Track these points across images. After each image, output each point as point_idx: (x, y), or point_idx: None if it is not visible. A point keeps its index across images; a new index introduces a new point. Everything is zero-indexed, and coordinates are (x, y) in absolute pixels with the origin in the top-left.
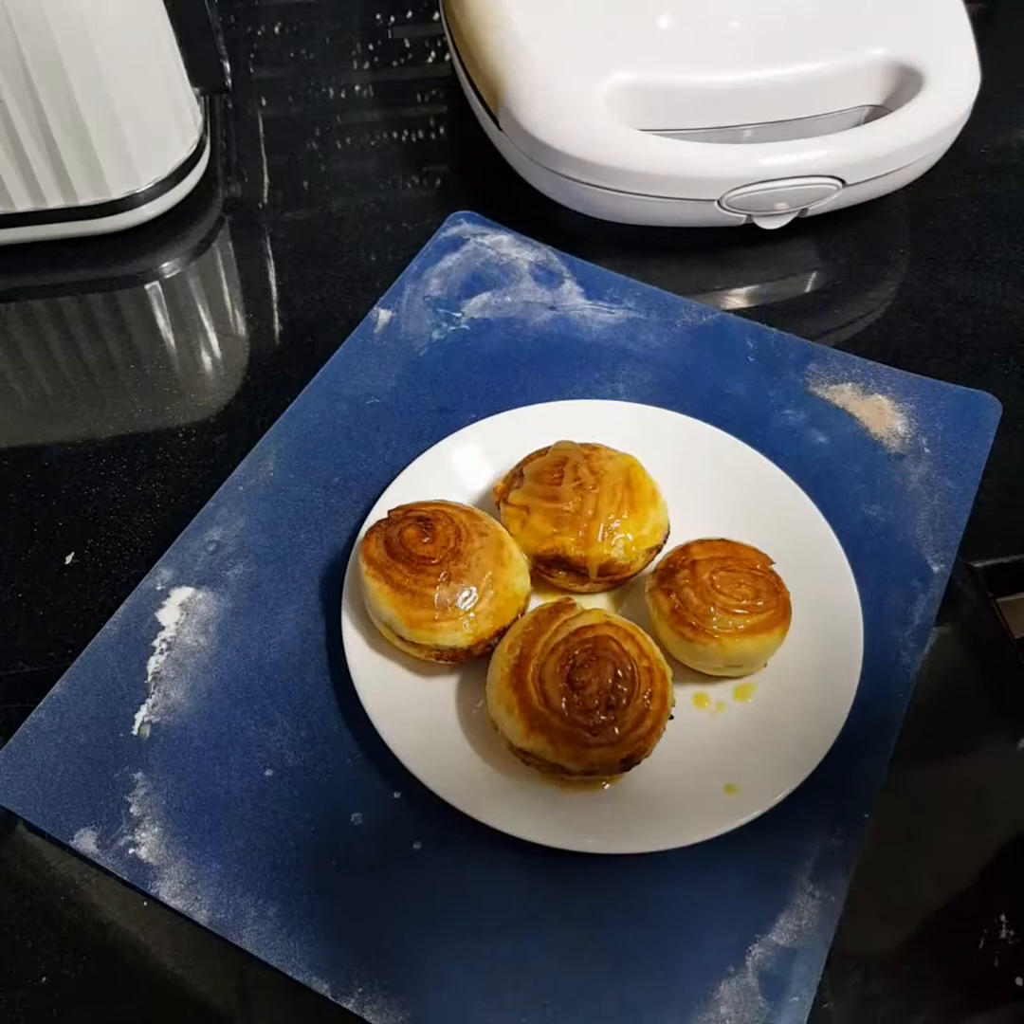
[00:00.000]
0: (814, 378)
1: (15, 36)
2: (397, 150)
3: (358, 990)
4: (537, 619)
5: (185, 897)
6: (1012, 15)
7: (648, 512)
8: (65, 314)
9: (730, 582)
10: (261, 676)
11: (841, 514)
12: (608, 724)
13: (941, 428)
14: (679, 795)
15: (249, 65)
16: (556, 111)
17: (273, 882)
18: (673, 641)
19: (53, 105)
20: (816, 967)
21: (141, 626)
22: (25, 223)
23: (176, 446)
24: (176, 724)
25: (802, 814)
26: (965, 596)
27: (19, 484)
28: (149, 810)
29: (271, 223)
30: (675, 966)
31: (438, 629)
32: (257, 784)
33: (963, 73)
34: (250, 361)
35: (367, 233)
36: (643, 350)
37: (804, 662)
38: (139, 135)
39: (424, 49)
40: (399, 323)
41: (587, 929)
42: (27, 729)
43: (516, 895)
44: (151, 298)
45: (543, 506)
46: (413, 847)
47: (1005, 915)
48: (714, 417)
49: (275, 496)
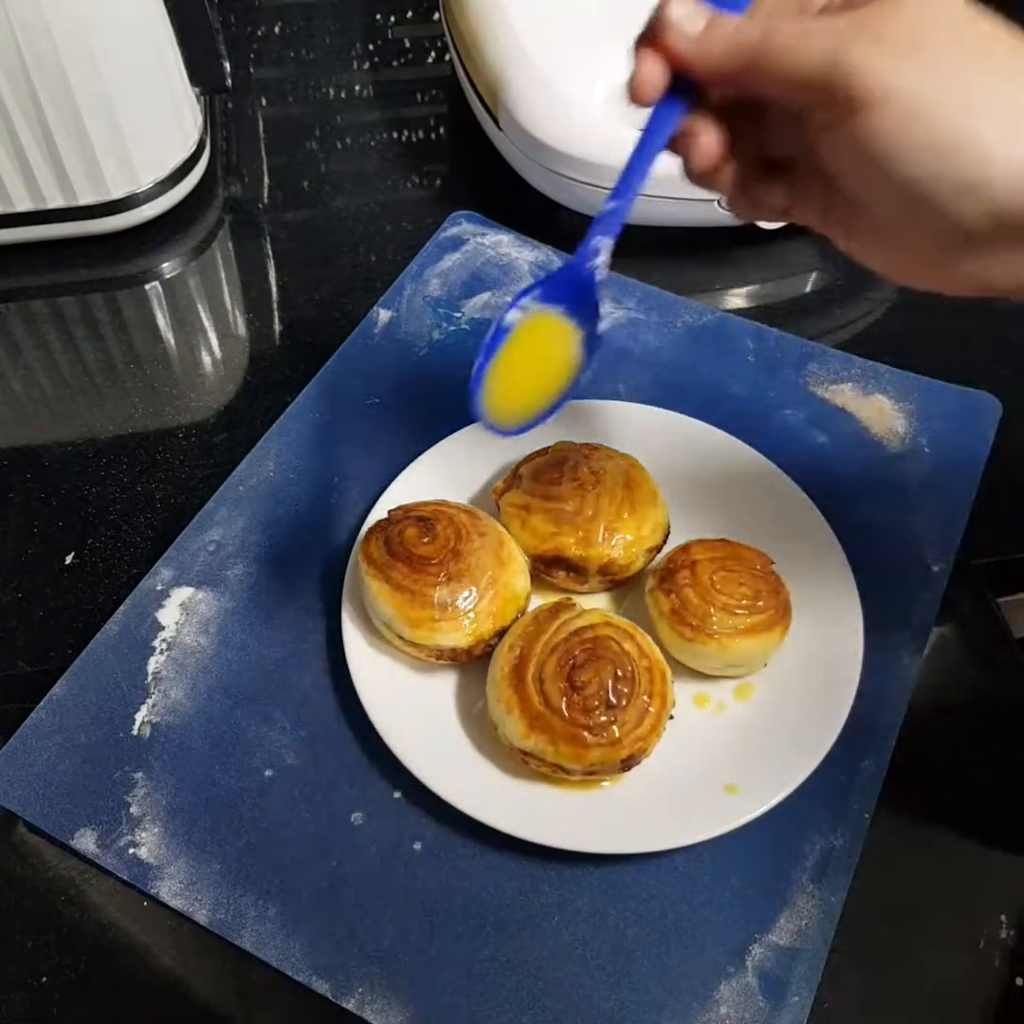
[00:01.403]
0: (814, 378)
1: (15, 36)
2: (397, 150)
3: (358, 990)
4: (537, 619)
5: (185, 897)
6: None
7: (648, 512)
8: (65, 314)
9: (730, 582)
10: (261, 676)
11: (841, 514)
12: (608, 724)
13: (941, 428)
14: (679, 795)
15: (249, 65)
16: (556, 111)
17: (273, 882)
18: (673, 641)
19: (53, 105)
20: (816, 967)
21: (141, 626)
22: (25, 223)
23: (176, 446)
24: (176, 724)
25: (802, 814)
26: (965, 596)
27: (19, 484)
28: (149, 810)
29: (271, 223)
30: (675, 966)
31: (438, 629)
32: (257, 784)
33: None
34: (250, 361)
35: (367, 233)
36: (643, 350)
37: (804, 662)
38: (139, 135)
39: (424, 49)
40: (399, 323)
41: (587, 929)
42: (27, 729)
43: (516, 895)
44: (151, 298)
45: (543, 506)
46: (413, 847)
47: (1005, 915)
48: (714, 417)
49: (275, 496)
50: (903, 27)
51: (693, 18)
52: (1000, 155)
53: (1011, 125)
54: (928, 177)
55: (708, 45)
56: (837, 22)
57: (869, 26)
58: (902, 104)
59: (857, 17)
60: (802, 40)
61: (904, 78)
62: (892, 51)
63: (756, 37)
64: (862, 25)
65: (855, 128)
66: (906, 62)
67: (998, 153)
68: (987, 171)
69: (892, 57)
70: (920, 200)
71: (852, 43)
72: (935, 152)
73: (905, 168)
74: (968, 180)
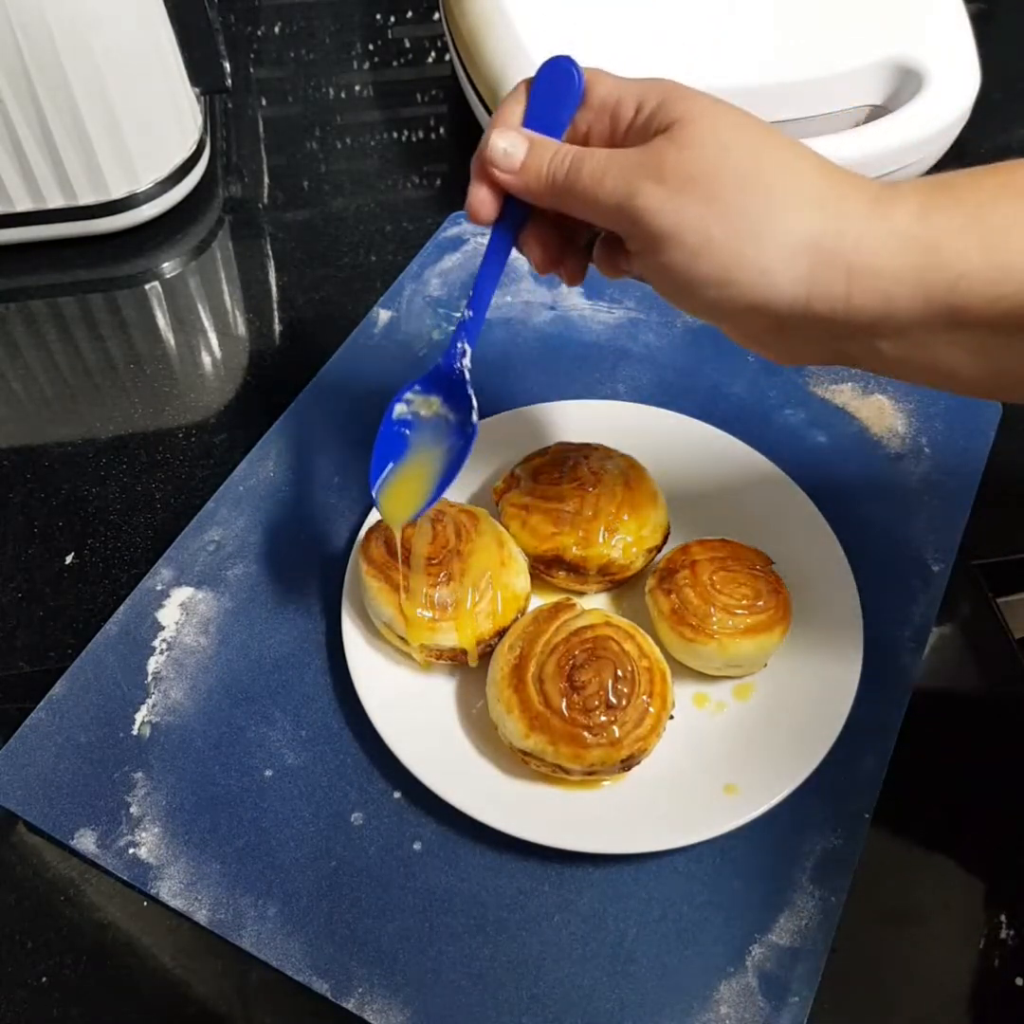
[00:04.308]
0: (814, 378)
1: (15, 36)
2: (397, 150)
3: (358, 990)
4: (537, 619)
5: (185, 897)
6: (1012, 15)
7: (648, 512)
8: (65, 314)
9: (730, 582)
10: (261, 676)
11: (841, 514)
12: (608, 724)
13: (941, 428)
14: (679, 795)
15: (249, 65)
16: None
17: (273, 882)
18: (673, 641)
19: (53, 105)
20: (816, 967)
21: (141, 626)
22: (25, 223)
23: (176, 446)
24: (176, 724)
25: (802, 814)
26: (965, 596)
27: (19, 484)
28: (149, 810)
29: (271, 223)
30: (675, 966)
31: (438, 629)
32: (257, 784)
33: (963, 73)
34: (250, 361)
35: (367, 233)
36: (643, 350)
37: (804, 662)
38: (139, 135)
39: (424, 49)
40: (399, 323)
41: (587, 929)
42: (27, 729)
43: (516, 895)
44: (151, 298)
45: (543, 506)
46: (413, 847)
47: (1005, 915)
48: (714, 417)
49: (275, 496)
50: (680, 163)
51: (515, 148)
52: (780, 278)
53: (786, 245)
54: (718, 301)
55: (526, 177)
56: (630, 157)
57: (652, 165)
58: (688, 240)
59: (643, 155)
60: (598, 180)
61: (685, 215)
62: (674, 190)
63: (563, 172)
64: (646, 165)
65: (656, 259)
66: (685, 199)
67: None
68: (766, 293)
69: (674, 195)
70: (720, 315)
71: (639, 183)
72: (718, 283)
73: (700, 294)
74: (750, 303)
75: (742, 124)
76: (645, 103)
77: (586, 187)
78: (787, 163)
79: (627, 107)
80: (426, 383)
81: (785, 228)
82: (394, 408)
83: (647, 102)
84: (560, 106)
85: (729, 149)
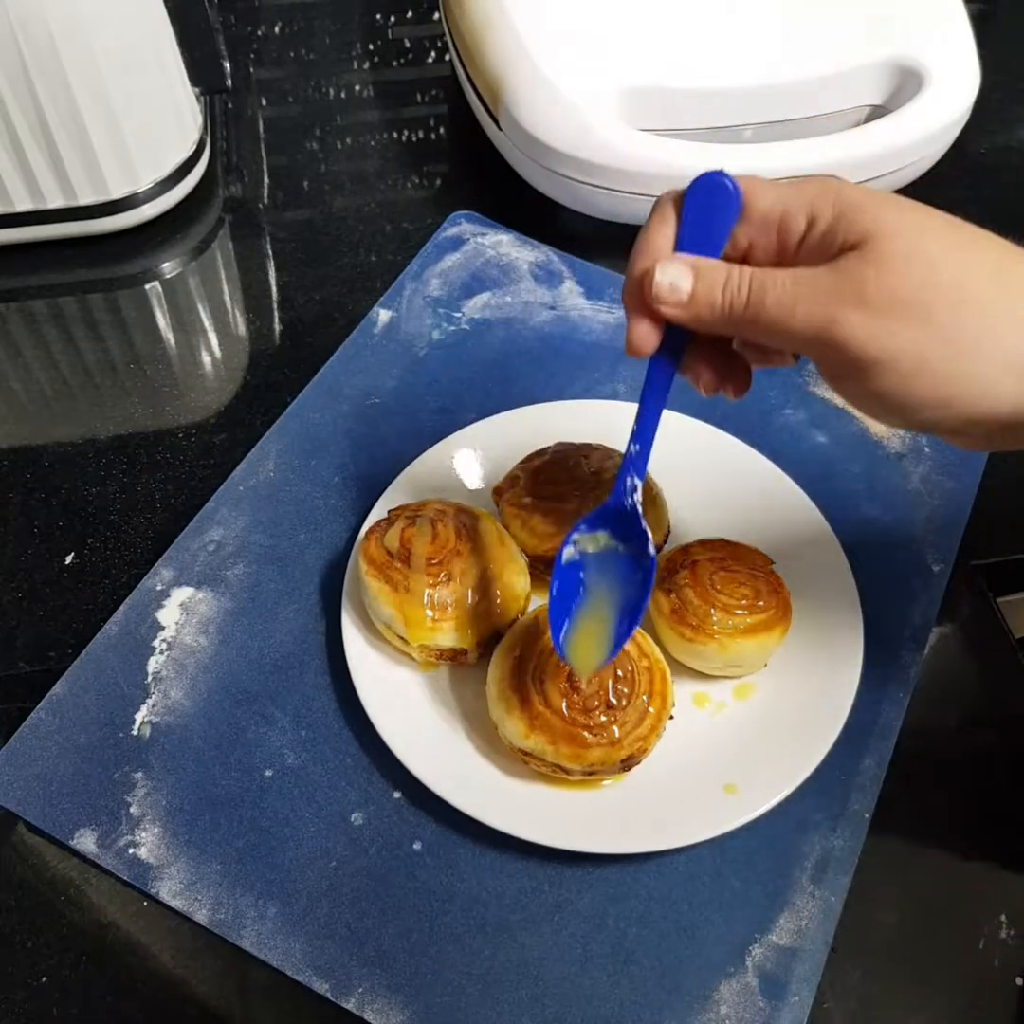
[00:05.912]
0: (814, 378)
1: (15, 36)
2: (397, 150)
3: (358, 990)
4: (537, 619)
5: (185, 897)
6: (1012, 15)
7: (648, 512)
8: (65, 314)
9: (730, 582)
10: (261, 676)
11: (841, 514)
12: (608, 724)
13: None
14: (679, 795)
15: (249, 65)
16: (556, 111)
17: (273, 882)
18: (673, 641)
19: (53, 105)
20: (816, 967)
21: (141, 626)
22: (25, 223)
23: (176, 446)
24: (176, 724)
25: (802, 814)
26: (965, 596)
27: (19, 484)
28: (149, 810)
29: (271, 223)
30: (675, 966)
31: (438, 629)
32: (257, 784)
33: (963, 73)
34: (250, 361)
35: (367, 233)
36: None
37: (804, 662)
38: (139, 135)
39: (424, 49)
40: (399, 323)
41: (587, 929)
42: (27, 729)
43: (516, 895)
44: (151, 298)
45: (543, 506)
46: (413, 847)
47: (1005, 915)
48: (714, 417)
49: (275, 496)
50: (884, 286)
51: (681, 279)
52: (1003, 390)
53: (1007, 360)
54: (937, 421)
55: (696, 309)
56: (820, 281)
57: (851, 290)
58: (902, 365)
59: (837, 278)
60: (788, 310)
61: (896, 340)
62: (881, 315)
63: (742, 301)
64: (843, 289)
65: (861, 383)
66: (895, 324)
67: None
68: (990, 407)
69: (882, 320)
70: (934, 430)
71: (837, 309)
72: (935, 404)
73: (915, 416)
74: (970, 418)
75: (937, 230)
76: (819, 216)
77: (773, 317)
78: (992, 271)
79: (797, 221)
80: (591, 522)
81: (1004, 341)
82: (563, 553)
83: (821, 214)
84: (717, 224)
85: (936, 266)
